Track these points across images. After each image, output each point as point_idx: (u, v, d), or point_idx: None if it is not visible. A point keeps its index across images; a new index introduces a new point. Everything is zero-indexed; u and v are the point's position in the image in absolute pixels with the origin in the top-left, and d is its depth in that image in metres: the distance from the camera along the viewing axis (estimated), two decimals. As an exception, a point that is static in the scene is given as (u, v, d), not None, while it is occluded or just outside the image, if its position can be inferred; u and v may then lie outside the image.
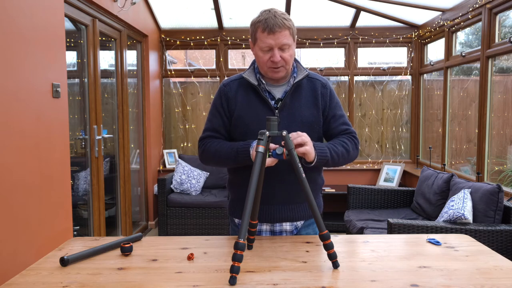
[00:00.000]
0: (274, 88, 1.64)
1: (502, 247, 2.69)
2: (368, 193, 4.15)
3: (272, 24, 1.49)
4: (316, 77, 1.69)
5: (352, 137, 1.67)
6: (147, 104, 4.76)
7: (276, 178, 1.59)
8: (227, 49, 5.27)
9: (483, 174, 3.52)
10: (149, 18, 4.73)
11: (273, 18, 1.50)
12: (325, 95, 1.66)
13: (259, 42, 1.54)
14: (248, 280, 1.21)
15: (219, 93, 1.68)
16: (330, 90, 1.69)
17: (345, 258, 1.39)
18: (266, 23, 1.50)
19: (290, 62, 1.58)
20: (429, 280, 1.21)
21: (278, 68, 1.56)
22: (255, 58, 1.63)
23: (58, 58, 2.54)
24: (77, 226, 3.23)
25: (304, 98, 1.63)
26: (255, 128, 1.55)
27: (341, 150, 1.60)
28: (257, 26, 1.54)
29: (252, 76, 1.64)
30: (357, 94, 5.31)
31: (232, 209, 1.76)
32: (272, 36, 1.50)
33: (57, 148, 2.51)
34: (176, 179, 4.74)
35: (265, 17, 1.52)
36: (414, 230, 2.80)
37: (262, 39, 1.52)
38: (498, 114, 3.49)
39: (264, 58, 1.55)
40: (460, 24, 4.01)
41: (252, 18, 1.61)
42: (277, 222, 1.66)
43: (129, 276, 1.25)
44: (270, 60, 1.54)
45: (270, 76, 1.60)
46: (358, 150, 1.70)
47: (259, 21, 1.53)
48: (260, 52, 1.55)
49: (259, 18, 1.54)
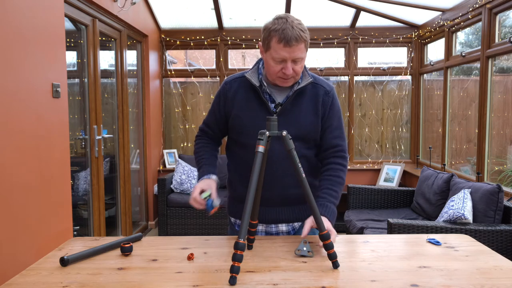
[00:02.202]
0: (276, 91, 1.62)
1: (502, 247, 2.69)
2: (368, 193, 4.15)
3: (290, 36, 1.43)
4: (321, 83, 1.65)
5: (342, 161, 1.63)
6: (147, 104, 4.76)
7: (271, 180, 1.58)
8: (227, 49, 5.26)
9: (483, 174, 3.52)
10: (149, 18, 4.73)
11: (291, 29, 1.44)
12: (327, 103, 1.62)
13: (273, 52, 1.48)
14: (248, 280, 1.21)
15: (220, 90, 1.69)
16: (332, 99, 1.64)
17: (345, 258, 1.39)
18: (284, 35, 1.43)
19: (300, 73, 1.55)
20: (429, 280, 1.21)
21: (288, 79, 1.54)
22: (264, 63, 1.58)
23: (58, 58, 2.54)
24: (77, 226, 3.23)
25: (304, 105, 1.60)
26: (251, 129, 1.54)
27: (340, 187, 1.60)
28: (272, 35, 1.46)
29: (254, 77, 1.61)
30: (357, 94, 5.31)
31: (229, 208, 1.76)
32: (288, 49, 1.45)
33: (57, 148, 2.51)
34: (176, 179, 4.74)
35: (282, 27, 1.44)
36: (414, 230, 2.80)
37: (276, 50, 1.47)
38: (498, 114, 3.49)
39: (275, 68, 1.51)
40: (460, 24, 4.01)
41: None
42: (273, 223, 1.66)
43: (129, 276, 1.25)
44: (281, 71, 1.50)
45: (278, 84, 1.58)
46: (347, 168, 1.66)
47: (276, 30, 1.45)
48: (272, 62, 1.50)
49: (276, 26, 1.46)
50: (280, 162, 1.57)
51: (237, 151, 1.67)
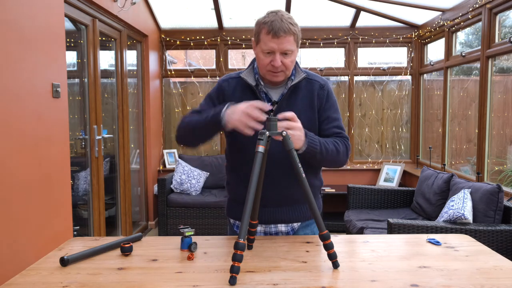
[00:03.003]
0: (271, 90, 1.63)
1: (502, 247, 2.69)
2: (368, 193, 4.15)
3: (278, 28, 1.46)
4: (314, 78, 1.66)
5: (345, 141, 1.61)
6: (147, 104, 4.76)
7: (270, 180, 1.57)
8: (227, 49, 5.27)
9: (483, 174, 3.52)
10: (149, 18, 4.73)
11: (280, 21, 1.46)
12: (322, 96, 1.63)
13: (262, 44, 1.51)
14: (248, 280, 1.21)
15: (217, 86, 1.67)
16: (327, 92, 1.64)
17: (345, 258, 1.39)
18: (272, 26, 1.46)
19: (291, 68, 1.55)
20: (429, 280, 1.21)
21: (278, 73, 1.54)
22: (256, 58, 1.61)
23: (58, 58, 2.54)
24: (77, 226, 3.22)
25: (300, 101, 1.61)
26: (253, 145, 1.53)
27: (332, 148, 1.54)
28: (262, 27, 1.50)
29: (250, 77, 1.62)
30: (357, 94, 5.31)
31: (228, 209, 1.76)
32: (276, 40, 1.47)
33: (57, 148, 2.51)
34: (176, 179, 4.74)
35: (271, 19, 1.48)
36: (414, 230, 2.79)
37: (265, 42, 1.49)
38: (498, 114, 3.49)
39: (265, 60, 1.52)
40: (460, 24, 4.01)
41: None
42: (272, 224, 1.66)
43: (129, 276, 1.25)
44: (270, 64, 1.52)
45: (269, 79, 1.59)
46: (348, 156, 1.63)
47: (265, 22, 1.49)
48: (262, 54, 1.53)
49: (265, 19, 1.50)
50: (280, 162, 1.56)
51: (235, 152, 1.67)
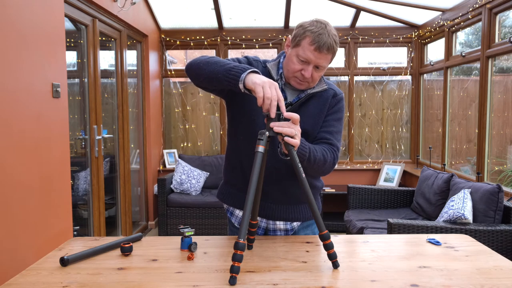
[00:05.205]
0: (289, 90, 1.60)
1: (502, 247, 2.69)
2: (368, 193, 4.15)
3: (323, 43, 1.43)
4: (332, 87, 1.64)
5: (334, 151, 1.58)
6: (147, 104, 4.76)
7: (273, 177, 1.57)
8: (227, 49, 5.26)
9: (483, 174, 3.52)
10: (149, 18, 4.73)
11: (327, 36, 1.43)
12: (332, 103, 1.62)
13: (300, 50, 1.47)
14: (248, 280, 1.21)
15: (247, 58, 1.62)
16: (338, 101, 1.63)
17: (345, 258, 1.39)
18: (318, 39, 1.43)
19: (317, 81, 1.55)
20: (429, 280, 1.21)
21: (303, 82, 1.53)
22: (286, 58, 1.57)
23: (58, 58, 2.54)
24: (77, 226, 3.22)
25: (313, 109, 1.59)
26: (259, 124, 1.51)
27: (319, 157, 1.49)
28: (307, 34, 1.45)
29: (275, 69, 1.60)
30: (357, 94, 5.31)
31: (219, 192, 1.75)
32: (317, 54, 1.45)
33: (57, 148, 2.51)
34: (176, 179, 4.74)
35: (319, 31, 1.44)
36: (414, 230, 2.79)
37: (305, 50, 1.46)
38: (498, 114, 3.49)
39: (296, 66, 1.49)
40: (460, 24, 4.01)
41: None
42: (271, 220, 1.66)
43: (129, 276, 1.25)
44: (300, 72, 1.49)
45: (292, 84, 1.56)
46: (334, 166, 1.59)
47: (312, 31, 1.44)
48: (295, 58, 1.49)
49: (313, 28, 1.45)
50: (280, 162, 1.56)
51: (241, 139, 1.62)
